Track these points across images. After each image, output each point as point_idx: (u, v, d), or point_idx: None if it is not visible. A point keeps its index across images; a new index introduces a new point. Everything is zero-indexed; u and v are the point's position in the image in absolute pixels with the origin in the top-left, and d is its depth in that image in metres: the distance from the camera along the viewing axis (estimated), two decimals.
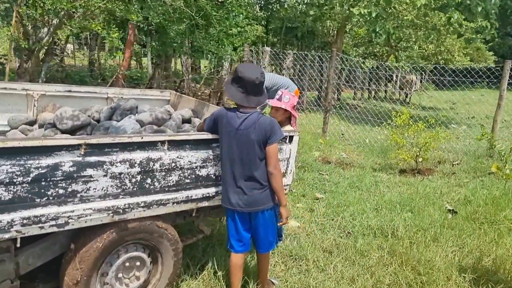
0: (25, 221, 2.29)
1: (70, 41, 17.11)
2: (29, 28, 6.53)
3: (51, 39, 6.61)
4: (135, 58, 19.84)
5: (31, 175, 2.25)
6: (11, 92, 3.72)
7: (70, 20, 6.17)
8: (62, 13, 6.04)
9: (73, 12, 6.35)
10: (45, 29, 6.50)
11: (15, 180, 2.21)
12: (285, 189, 3.64)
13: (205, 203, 3.11)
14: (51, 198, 2.36)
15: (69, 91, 4.02)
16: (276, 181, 2.96)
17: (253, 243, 3.21)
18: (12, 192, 2.22)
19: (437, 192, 6.09)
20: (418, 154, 7.24)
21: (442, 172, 7.38)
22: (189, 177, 2.95)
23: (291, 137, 3.48)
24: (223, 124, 2.94)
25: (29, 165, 2.24)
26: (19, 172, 2.21)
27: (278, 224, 3.16)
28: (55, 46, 7.50)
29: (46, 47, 6.77)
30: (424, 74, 22.40)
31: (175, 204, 2.91)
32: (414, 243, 4.23)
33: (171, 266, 3.07)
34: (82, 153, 2.41)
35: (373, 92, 21.01)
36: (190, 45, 11.94)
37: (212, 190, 3.07)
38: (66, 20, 6.15)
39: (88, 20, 6.42)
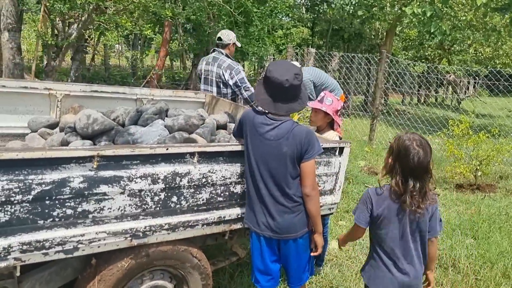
0: (25, 247, 1.92)
1: (117, 41, 17.27)
2: (58, 24, 6.34)
3: (81, 36, 6.39)
4: (173, 59, 19.86)
5: (33, 193, 1.88)
6: (33, 91, 3.42)
7: (100, 15, 5.91)
8: (91, 7, 5.78)
9: (106, 7, 6.10)
10: (75, 25, 6.28)
11: (13, 199, 1.84)
12: (333, 208, 3.16)
13: (240, 225, 2.67)
14: (57, 219, 1.99)
15: (95, 91, 3.69)
16: (313, 204, 2.43)
17: (284, 276, 2.70)
18: (9, 213, 1.85)
19: (502, 214, 5.37)
20: (478, 168, 6.53)
21: (505, 189, 6.62)
22: (222, 194, 2.52)
23: (341, 149, 2.99)
24: (248, 130, 2.44)
25: (30, 181, 1.87)
26: (18, 189, 1.84)
27: (311, 254, 2.61)
28: (85, 44, 7.30)
29: (75, 45, 6.55)
30: (477, 79, 21.17)
31: (205, 226, 2.49)
32: (480, 280, 3.61)
33: None
34: (95, 166, 2.02)
35: (422, 97, 20.02)
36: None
37: (246, 210, 2.61)
38: (96, 16, 5.88)
39: (121, 16, 6.16)
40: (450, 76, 19.06)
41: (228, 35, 4.50)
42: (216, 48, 4.53)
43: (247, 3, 8.27)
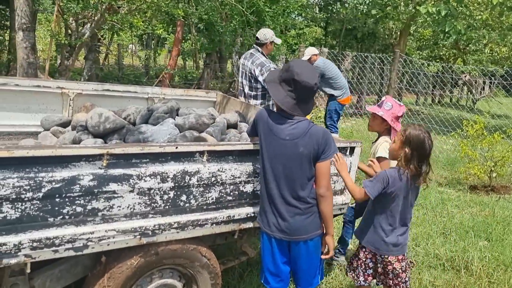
0: (35, 244, 1.94)
1: (130, 41, 17.39)
2: (71, 24, 6.40)
3: (94, 35, 6.44)
4: (185, 58, 19.94)
5: (43, 190, 1.90)
6: (45, 90, 3.46)
7: (113, 15, 5.94)
8: (104, 7, 5.82)
9: (118, 7, 6.14)
10: (88, 25, 6.32)
11: (23, 196, 1.85)
12: (343, 208, 3.14)
13: (250, 224, 2.66)
14: (67, 217, 2.00)
15: (107, 90, 3.71)
16: (327, 205, 2.39)
17: (292, 279, 2.65)
18: (20, 210, 1.87)
19: None
20: (492, 169, 6.42)
21: None
22: (231, 193, 2.51)
23: (352, 149, 2.96)
24: (262, 129, 2.40)
25: (40, 179, 1.88)
26: (29, 187, 1.86)
27: (322, 257, 2.57)
28: (99, 43, 7.35)
29: (89, 44, 6.61)
30: (493, 79, 20.86)
31: (214, 225, 2.48)
32: (494, 283, 3.55)
33: None
34: (105, 164, 2.03)
35: (437, 97, 19.79)
36: (240, 43, 11.59)
37: (258, 210, 2.60)
38: (108, 15, 5.92)
39: (133, 15, 6.19)
40: (465, 76, 18.81)
41: (265, 35, 4.78)
42: (255, 46, 4.85)
43: (259, 2, 8.24)
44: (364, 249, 2.79)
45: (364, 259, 2.79)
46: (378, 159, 3.09)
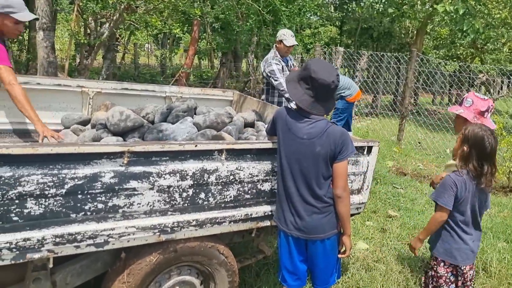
0: (58, 239, 1.97)
1: (147, 40, 17.53)
2: (90, 23, 6.48)
3: (112, 35, 6.51)
4: (202, 57, 20.04)
5: (66, 187, 1.93)
6: (66, 89, 3.51)
7: (131, 14, 6.01)
8: (122, 7, 5.88)
9: (136, 7, 6.20)
10: (106, 25, 6.40)
11: (47, 192, 1.89)
12: (360, 208, 3.12)
13: (267, 223, 2.67)
14: (88, 213, 2.03)
15: (126, 88, 3.76)
16: (344, 206, 2.38)
17: (310, 277, 2.66)
18: (43, 206, 1.91)
19: None
20: (511, 169, 6.33)
21: None
22: (249, 192, 2.52)
23: (369, 148, 2.95)
24: (280, 128, 2.42)
25: (63, 175, 1.91)
26: (52, 183, 1.89)
27: (339, 256, 2.57)
28: (116, 43, 7.43)
29: (107, 44, 6.68)
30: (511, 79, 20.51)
31: (232, 223, 2.50)
32: None
33: None
34: (125, 162, 2.06)
35: (454, 97, 19.54)
36: (256, 43, 11.59)
37: (275, 208, 2.61)
38: (127, 15, 5.98)
39: (151, 15, 6.25)
40: (483, 75, 18.53)
41: (278, 34, 5.03)
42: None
43: (276, 1, 8.22)
44: (443, 263, 2.69)
45: (445, 274, 2.69)
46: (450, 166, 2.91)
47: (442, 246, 2.67)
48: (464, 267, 2.62)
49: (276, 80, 4.68)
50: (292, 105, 4.38)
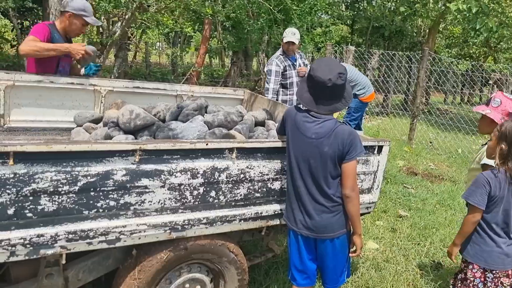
0: (71, 236, 2.00)
1: (158, 39, 17.63)
2: (103, 22, 6.53)
3: (124, 34, 6.56)
4: (213, 56, 20.08)
5: (79, 184, 1.96)
6: (78, 87, 3.55)
7: (143, 13, 6.06)
8: (134, 6, 5.93)
9: (148, 6, 6.25)
10: (118, 24, 6.45)
11: (60, 189, 1.92)
12: (370, 207, 3.12)
13: (277, 221, 2.68)
14: (100, 210, 2.06)
15: (137, 87, 3.79)
16: (353, 206, 2.37)
17: (319, 276, 2.67)
18: (57, 203, 1.93)
19: None
20: None
21: None
22: (259, 190, 2.53)
23: (380, 147, 2.94)
24: (290, 127, 2.43)
25: (76, 173, 1.94)
26: (65, 180, 1.92)
27: (349, 255, 2.56)
28: (128, 42, 7.48)
29: (119, 42, 6.74)
30: None
31: (242, 221, 2.51)
32: None
33: None
34: (137, 160, 2.08)
35: (466, 97, 19.35)
36: (267, 42, 11.58)
37: (285, 207, 2.62)
38: (139, 14, 6.04)
39: (162, 14, 6.29)
40: (496, 75, 18.32)
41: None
42: None
43: (287, 0, 8.22)
44: (471, 267, 2.61)
45: (472, 279, 2.60)
46: (483, 166, 2.75)
47: (473, 249, 2.59)
48: (496, 271, 2.51)
49: (267, 83, 4.93)
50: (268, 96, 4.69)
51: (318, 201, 2.38)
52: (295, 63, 5.04)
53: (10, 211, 1.84)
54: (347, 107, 7.38)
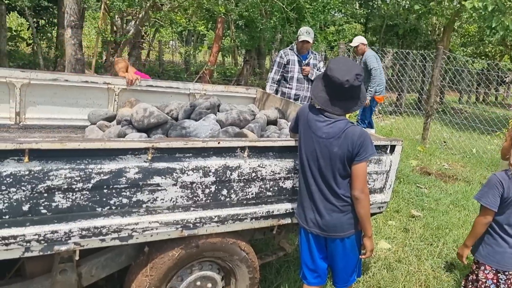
0: (84, 233, 2.03)
1: (171, 37, 17.70)
2: (117, 21, 6.58)
3: (137, 32, 6.61)
4: (225, 55, 20.12)
5: (92, 182, 1.98)
6: (93, 85, 3.59)
7: (157, 12, 6.10)
8: (148, 4, 5.97)
9: (161, 4, 6.28)
10: (132, 22, 6.50)
11: (74, 187, 1.94)
12: (383, 207, 3.10)
13: (288, 220, 2.68)
14: (113, 207, 2.08)
15: (151, 85, 3.82)
16: (362, 207, 2.33)
17: (330, 275, 2.66)
18: (70, 200, 1.96)
19: None
20: None
21: None
22: (271, 189, 2.54)
23: (392, 147, 2.92)
24: (302, 125, 2.42)
25: (90, 170, 1.96)
26: (79, 178, 1.94)
27: (360, 257, 2.55)
28: (142, 40, 7.53)
29: (132, 41, 6.79)
30: None
31: (253, 220, 2.52)
32: None
33: None
34: (150, 158, 2.09)
35: (481, 96, 19.09)
36: (280, 40, 11.55)
37: (296, 205, 2.61)
38: (152, 13, 6.08)
39: (175, 13, 6.31)
40: None
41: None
42: None
43: None
44: (483, 268, 2.58)
45: (484, 280, 2.57)
46: None
47: (485, 249, 2.56)
48: (509, 272, 2.49)
49: (269, 72, 5.21)
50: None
51: (328, 200, 2.37)
52: (303, 61, 5.05)
53: (25, 208, 1.87)
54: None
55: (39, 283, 2.25)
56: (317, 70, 5.13)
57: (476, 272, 2.65)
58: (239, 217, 2.45)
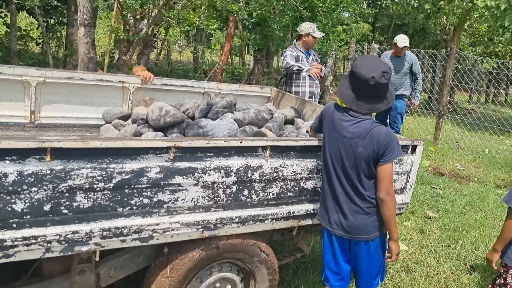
0: (105, 233, 1.99)
1: (179, 36, 17.68)
2: (129, 19, 6.55)
3: (150, 31, 6.58)
4: (236, 53, 20.08)
5: (113, 181, 1.94)
6: (107, 84, 3.55)
7: (169, 11, 6.06)
8: (161, 3, 5.93)
9: (174, 3, 6.24)
10: (145, 21, 6.47)
11: (95, 186, 1.90)
12: (403, 208, 3.04)
13: (309, 221, 2.63)
14: (134, 208, 2.04)
15: (165, 84, 3.78)
16: (388, 209, 2.27)
17: (352, 278, 2.60)
18: (92, 200, 1.92)
19: None
20: None
21: None
22: (292, 189, 2.49)
23: (414, 147, 2.86)
24: (326, 124, 2.36)
25: (111, 170, 1.92)
26: (100, 177, 1.90)
27: (385, 260, 2.48)
28: (154, 39, 7.50)
29: (144, 40, 6.76)
30: None
31: (274, 221, 2.47)
32: None
33: None
34: (171, 157, 2.05)
35: (491, 96, 18.91)
36: (290, 39, 11.49)
37: (318, 207, 2.56)
38: (165, 11, 6.04)
39: (188, 11, 6.28)
40: None
41: (301, 27, 5.03)
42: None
43: None
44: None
45: None
46: None
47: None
48: None
49: (283, 60, 4.92)
50: (304, 73, 4.66)
51: (353, 201, 2.31)
52: (308, 57, 5.05)
53: (47, 207, 1.83)
54: (394, 110, 7.17)
55: (58, 283, 2.22)
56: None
57: (504, 275, 2.59)
58: (259, 218, 2.40)
